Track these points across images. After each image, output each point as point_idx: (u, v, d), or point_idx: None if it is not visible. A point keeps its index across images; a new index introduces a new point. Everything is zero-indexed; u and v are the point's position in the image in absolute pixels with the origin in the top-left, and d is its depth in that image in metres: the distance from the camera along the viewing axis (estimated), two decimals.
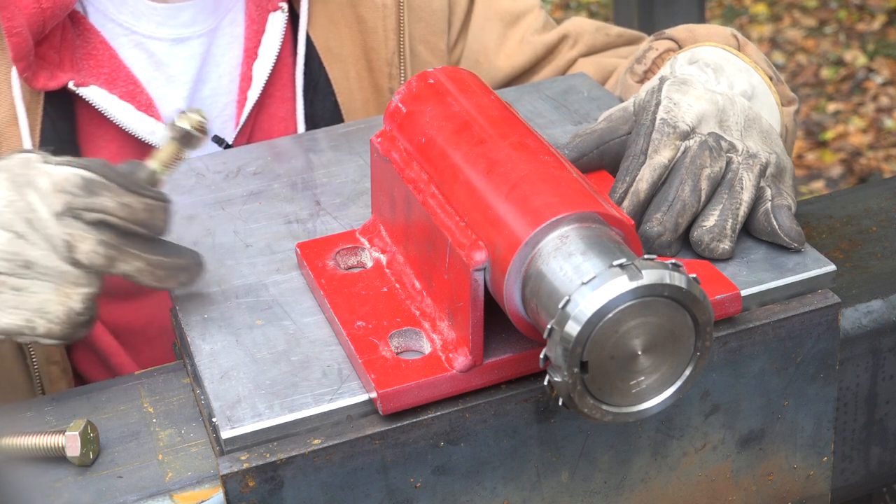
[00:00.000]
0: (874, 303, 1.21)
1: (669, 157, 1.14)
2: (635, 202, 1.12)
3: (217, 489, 1.02)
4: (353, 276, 1.13)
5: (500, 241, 0.96)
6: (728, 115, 1.18)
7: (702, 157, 1.13)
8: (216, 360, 1.06)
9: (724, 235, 1.12)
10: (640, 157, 1.14)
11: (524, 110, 1.44)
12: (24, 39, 1.36)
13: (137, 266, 1.10)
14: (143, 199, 1.09)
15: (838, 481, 1.25)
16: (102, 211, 1.08)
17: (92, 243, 1.08)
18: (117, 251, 1.09)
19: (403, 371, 1.01)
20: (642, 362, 0.93)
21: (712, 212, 1.13)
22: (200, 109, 1.14)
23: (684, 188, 1.12)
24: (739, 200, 1.13)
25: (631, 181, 1.13)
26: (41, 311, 1.09)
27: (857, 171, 4.38)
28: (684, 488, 1.13)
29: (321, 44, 1.57)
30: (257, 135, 1.56)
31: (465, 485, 1.04)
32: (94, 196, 1.08)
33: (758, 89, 1.27)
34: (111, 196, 1.08)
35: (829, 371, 1.13)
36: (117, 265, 1.09)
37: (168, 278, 1.11)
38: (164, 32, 1.49)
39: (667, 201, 1.12)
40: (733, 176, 1.14)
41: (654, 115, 1.16)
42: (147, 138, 1.46)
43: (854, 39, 5.25)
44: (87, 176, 1.08)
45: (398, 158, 1.11)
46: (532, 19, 1.68)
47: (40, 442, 1.04)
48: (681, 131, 1.15)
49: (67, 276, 1.08)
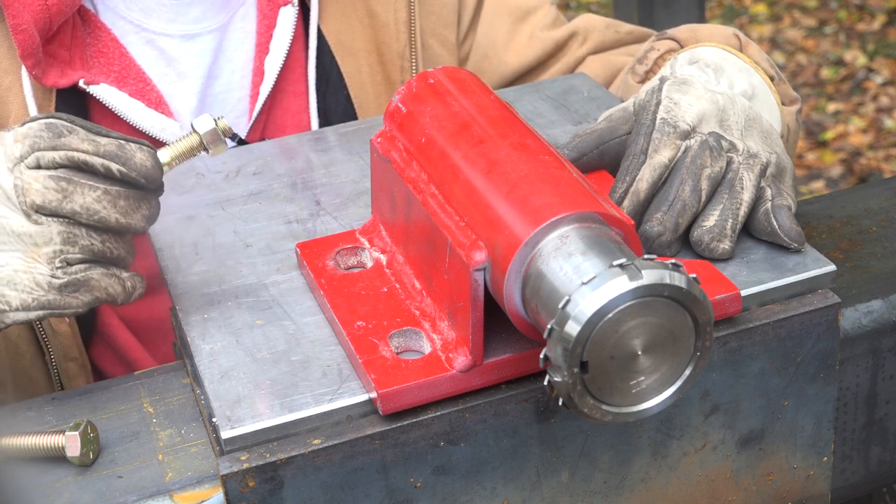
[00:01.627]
0: (874, 303, 1.21)
1: (670, 157, 1.14)
2: (635, 202, 1.12)
3: (217, 489, 1.02)
4: (353, 276, 1.13)
5: (500, 241, 0.96)
6: (728, 114, 1.18)
7: (702, 156, 1.13)
8: (216, 360, 1.06)
9: (724, 235, 1.12)
10: (640, 156, 1.14)
11: (524, 110, 1.44)
12: (30, 36, 1.36)
13: (95, 196, 1.05)
14: (112, 138, 1.07)
15: (838, 481, 1.25)
16: (68, 148, 1.05)
17: (42, 179, 1.04)
18: (69, 183, 1.04)
19: (403, 371, 1.01)
20: (642, 362, 0.93)
21: (712, 212, 1.13)
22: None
23: (684, 188, 1.12)
24: (740, 200, 1.13)
25: (631, 181, 1.13)
26: (11, 282, 1.06)
27: (857, 171, 4.38)
28: (684, 488, 1.13)
29: (333, 38, 1.57)
30: (270, 129, 1.56)
31: (465, 485, 1.04)
32: (60, 137, 1.05)
33: (758, 89, 1.27)
34: (77, 137, 1.06)
35: (829, 371, 1.13)
36: (73, 198, 1.04)
37: (132, 210, 1.07)
38: (174, 29, 1.49)
39: (667, 201, 1.12)
40: (734, 175, 1.14)
41: (654, 114, 1.16)
42: (158, 135, 1.46)
43: (854, 39, 5.25)
44: (51, 121, 1.06)
45: (398, 158, 1.11)
46: (542, 15, 1.68)
47: (40, 442, 1.04)
48: (681, 131, 1.14)
49: (28, 240, 1.05)
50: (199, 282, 1.17)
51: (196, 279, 1.17)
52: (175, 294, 1.16)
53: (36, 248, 1.05)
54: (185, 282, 1.17)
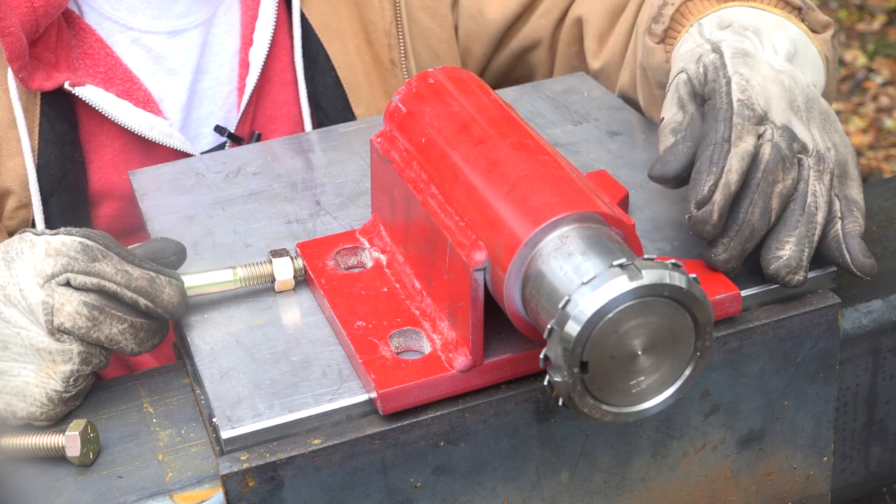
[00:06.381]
0: (874, 303, 1.21)
1: (753, 144, 1.08)
2: (727, 194, 1.05)
3: (217, 489, 1.02)
4: (353, 276, 1.13)
5: (500, 241, 0.96)
6: (795, 95, 1.13)
7: (775, 171, 1.07)
8: (216, 360, 1.06)
9: (800, 267, 1.08)
10: (723, 144, 1.07)
11: (524, 110, 1.44)
12: (17, 39, 1.36)
13: (121, 328, 1.06)
14: (145, 270, 1.07)
15: (838, 481, 1.25)
16: (99, 275, 1.05)
17: (76, 304, 1.04)
18: (101, 313, 1.05)
19: (403, 371, 1.01)
20: (642, 362, 0.93)
21: (788, 239, 1.08)
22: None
23: (754, 211, 1.07)
24: (814, 224, 1.08)
25: (719, 171, 1.06)
26: (21, 394, 1.06)
27: None
28: (684, 488, 1.13)
29: (318, 21, 1.56)
30: (260, 121, 1.56)
31: (465, 485, 1.04)
32: (95, 262, 1.05)
33: (798, 43, 1.21)
34: (110, 263, 1.06)
35: (829, 371, 1.13)
36: (101, 328, 1.05)
37: (147, 340, 1.09)
38: (160, 26, 1.49)
39: (735, 224, 1.07)
40: (805, 188, 1.09)
41: (728, 95, 1.10)
42: (147, 134, 1.46)
43: (854, 39, 5.25)
44: (86, 242, 1.06)
45: (398, 158, 1.11)
46: None
47: (40, 442, 1.04)
48: (758, 115, 1.09)
49: (46, 356, 1.05)
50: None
51: None
52: None
53: (53, 364, 1.06)
54: None
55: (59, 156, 1.44)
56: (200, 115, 1.53)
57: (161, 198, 1.32)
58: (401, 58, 1.59)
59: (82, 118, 1.46)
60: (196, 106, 1.53)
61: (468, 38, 1.65)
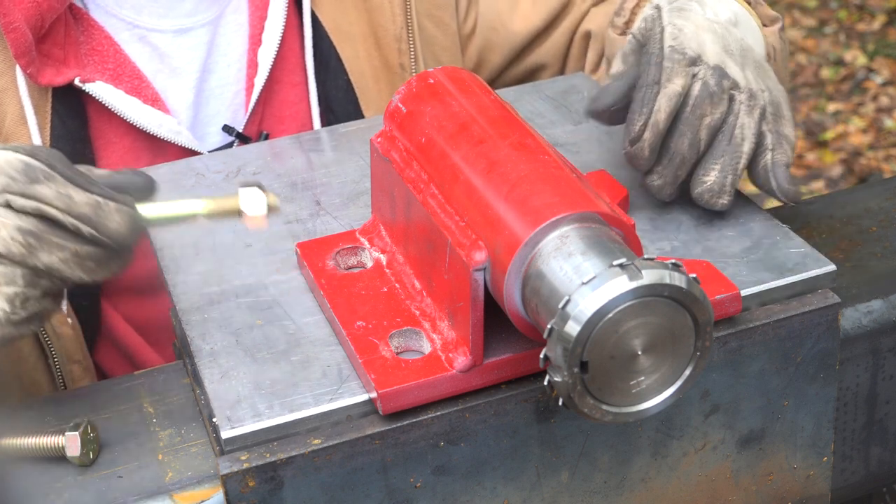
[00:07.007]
0: (874, 303, 1.21)
1: (682, 85, 1.14)
2: (655, 132, 1.14)
3: (217, 489, 1.02)
4: (353, 276, 1.13)
5: (500, 241, 0.96)
6: (728, 42, 1.19)
7: (702, 105, 1.14)
8: (216, 360, 1.06)
9: (723, 192, 1.15)
10: (653, 86, 1.15)
11: (524, 110, 1.44)
12: (22, 34, 1.36)
13: (61, 256, 1.02)
14: (90, 194, 1.03)
15: (838, 481, 1.25)
16: (38, 198, 1.01)
17: (10, 229, 1.00)
18: (37, 239, 1.01)
19: (403, 371, 1.01)
20: (642, 362, 0.93)
21: (713, 166, 1.15)
22: None
23: (683, 141, 1.14)
24: (739, 153, 1.15)
25: (649, 112, 1.14)
26: None
27: (857, 171, 4.38)
28: (684, 488, 1.13)
29: (330, 24, 1.56)
30: (268, 121, 1.55)
31: (465, 485, 1.04)
32: (34, 183, 1.01)
33: (740, 16, 1.27)
34: (52, 185, 1.02)
35: (829, 371, 1.13)
36: (38, 255, 1.01)
37: (98, 269, 1.04)
38: (166, 24, 1.49)
39: (667, 154, 1.15)
40: (734, 121, 1.15)
41: (661, 42, 1.17)
42: (155, 131, 1.46)
43: (854, 39, 5.25)
44: (29, 162, 1.02)
45: (398, 158, 1.11)
46: None
47: (40, 442, 1.04)
48: (689, 58, 1.15)
49: None
50: (199, 282, 1.17)
51: (196, 279, 1.17)
52: (175, 294, 1.15)
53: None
54: (185, 282, 1.17)
55: (69, 153, 1.43)
56: (208, 115, 1.53)
57: (161, 197, 1.31)
58: (410, 62, 1.59)
59: (92, 115, 1.46)
60: (203, 105, 1.53)
61: (486, 49, 1.65)
